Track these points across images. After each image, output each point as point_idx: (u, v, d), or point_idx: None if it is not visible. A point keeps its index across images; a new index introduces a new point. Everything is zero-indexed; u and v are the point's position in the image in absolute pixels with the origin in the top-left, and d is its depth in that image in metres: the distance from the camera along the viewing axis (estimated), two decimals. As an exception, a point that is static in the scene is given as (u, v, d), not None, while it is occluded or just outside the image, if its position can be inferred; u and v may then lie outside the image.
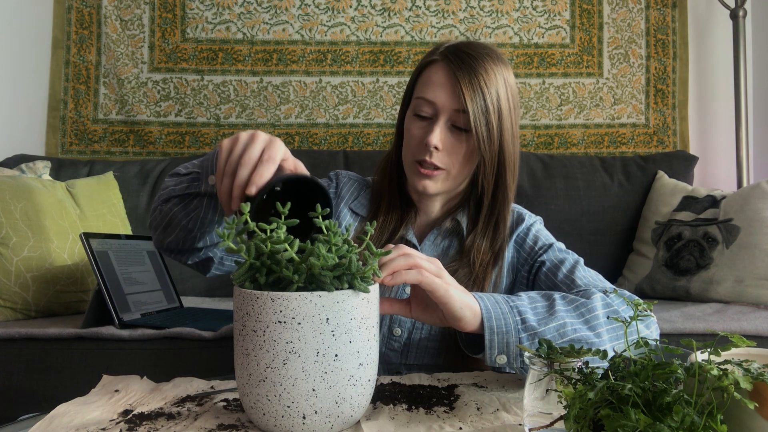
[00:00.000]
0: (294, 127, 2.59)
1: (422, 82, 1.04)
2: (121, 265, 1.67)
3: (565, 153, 2.61)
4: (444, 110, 1.01)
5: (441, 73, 1.01)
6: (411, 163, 1.05)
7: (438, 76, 1.01)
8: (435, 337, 1.04)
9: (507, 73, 1.04)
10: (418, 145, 1.03)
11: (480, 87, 0.99)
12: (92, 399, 0.77)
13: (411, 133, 1.04)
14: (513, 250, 1.11)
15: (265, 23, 2.61)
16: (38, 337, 1.50)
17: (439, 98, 1.00)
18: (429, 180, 1.03)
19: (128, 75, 2.56)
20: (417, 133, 1.03)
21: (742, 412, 0.51)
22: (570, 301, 0.86)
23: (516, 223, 1.13)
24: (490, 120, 1.00)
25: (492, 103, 1.00)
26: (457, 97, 0.99)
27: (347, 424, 0.67)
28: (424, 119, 1.03)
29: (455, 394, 0.79)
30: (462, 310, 0.79)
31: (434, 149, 1.00)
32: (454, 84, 0.99)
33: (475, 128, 0.98)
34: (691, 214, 2.08)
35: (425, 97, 1.02)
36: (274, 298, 0.63)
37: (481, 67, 1.00)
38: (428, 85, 1.02)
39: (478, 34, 2.63)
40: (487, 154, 1.01)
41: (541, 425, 0.63)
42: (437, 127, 1.00)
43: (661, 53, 2.67)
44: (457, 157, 1.02)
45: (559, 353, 0.64)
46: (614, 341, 0.84)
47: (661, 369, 0.53)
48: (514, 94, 1.04)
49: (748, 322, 1.61)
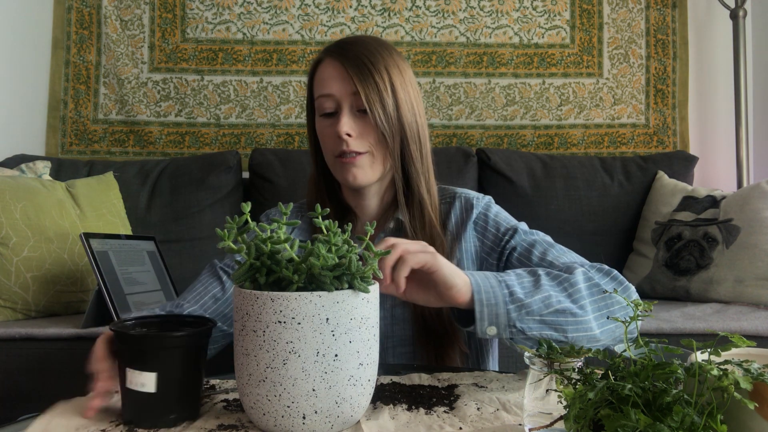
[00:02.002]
0: (294, 127, 2.59)
1: (316, 82, 1.07)
2: (121, 265, 1.67)
3: (565, 153, 2.61)
4: (343, 98, 1.03)
5: (330, 67, 1.05)
6: (333, 162, 1.07)
7: (328, 70, 1.05)
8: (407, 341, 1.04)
9: (389, 52, 1.07)
10: (333, 141, 1.05)
11: (366, 67, 1.03)
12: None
13: (324, 134, 1.07)
14: (474, 239, 1.10)
15: (265, 23, 2.61)
16: (38, 337, 1.50)
17: (335, 88, 1.04)
18: (354, 167, 1.04)
19: (128, 75, 2.56)
20: (328, 131, 1.05)
21: (742, 412, 0.51)
22: (554, 276, 0.90)
23: (466, 209, 1.12)
24: (383, 95, 1.02)
25: (381, 79, 1.03)
26: (350, 82, 1.03)
27: (347, 424, 0.67)
28: (330, 116, 1.05)
29: (455, 394, 0.79)
30: (453, 277, 0.82)
31: (347, 137, 1.02)
32: (343, 71, 1.03)
33: (369, 105, 1.02)
34: (691, 214, 2.08)
35: (323, 93, 1.05)
36: (273, 298, 0.63)
37: (364, 51, 1.05)
38: (321, 81, 1.06)
39: (477, 34, 2.63)
40: (386, 129, 1.03)
41: (541, 425, 0.63)
42: (343, 116, 1.03)
43: (661, 53, 2.67)
44: (371, 138, 1.04)
45: (559, 353, 0.64)
46: (596, 312, 0.88)
47: (661, 369, 0.53)
48: (403, 69, 1.07)
49: (748, 322, 1.61)
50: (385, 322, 1.05)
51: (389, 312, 1.05)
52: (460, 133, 2.61)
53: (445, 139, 2.61)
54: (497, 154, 2.35)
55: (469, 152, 2.35)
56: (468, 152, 2.35)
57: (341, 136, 1.02)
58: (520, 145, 2.62)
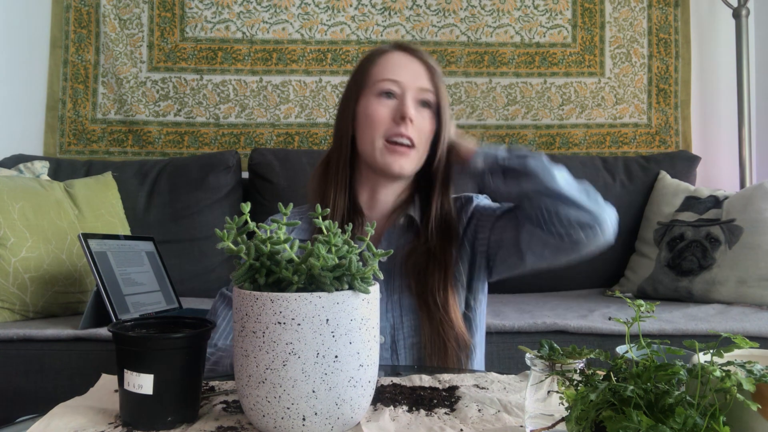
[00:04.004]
0: (294, 126, 2.59)
1: (381, 67, 1.08)
2: (119, 265, 1.66)
3: (567, 153, 2.61)
4: (409, 88, 1.06)
5: (402, 57, 1.09)
6: (380, 146, 1.05)
7: (398, 59, 1.08)
8: (417, 331, 1.05)
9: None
10: (389, 122, 1.05)
11: (435, 69, 1.09)
12: (91, 399, 0.77)
13: (378, 113, 1.05)
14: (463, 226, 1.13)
15: (265, 22, 2.60)
16: (36, 338, 1.50)
17: (405, 77, 1.06)
18: (404, 157, 1.05)
19: (127, 74, 2.55)
20: (385, 111, 1.05)
21: (745, 413, 0.50)
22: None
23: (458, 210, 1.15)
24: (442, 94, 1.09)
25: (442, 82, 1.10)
26: (422, 76, 1.06)
27: (347, 425, 0.66)
28: (390, 98, 1.06)
29: (456, 396, 0.78)
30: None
31: (409, 121, 1.04)
32: (416, 64, 1.07)
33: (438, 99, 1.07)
34: (693, 214, 2.08)
35: (390, 77, 1.06)
36: (273, 299, 0.62)
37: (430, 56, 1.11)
38: (389, 67, 1.07)
39: (479, 33, 2.63)
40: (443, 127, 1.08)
41: (543, 427, 0.62)
42: (408, 101, 1.05)
43: (663, 52, 2.67)
44: (424, 134, 1.07)
45: (560, 354, 0.63)
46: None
47: (664, 370, 0.52)
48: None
49: (750, 323, 1.61)
50: (395, 313, 1.05)
51: (397, 303, 1.06)
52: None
53: (445, 138, 2.61)
54: (498, 153, 2.35)
55: (469, 152, 2.35)
56: (469, 152, 2.35)
57: (405, 117, 1.03)
58: (521, 145, 2.61)
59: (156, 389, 0.67)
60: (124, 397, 0.69)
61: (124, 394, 0.69)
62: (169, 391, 0.68)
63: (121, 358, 0.69)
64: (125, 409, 0.70)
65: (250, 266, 0.66)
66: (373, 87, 1.06)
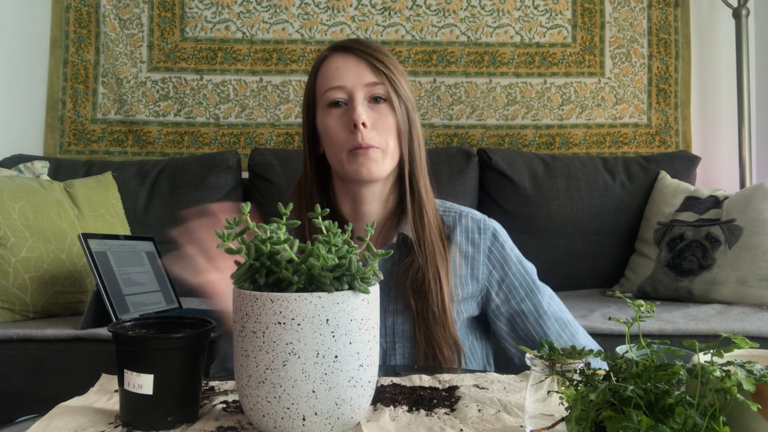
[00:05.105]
0: (294, 126, 2.59)
1: (322, 77, 1.04)
2: (119, 265, 1.66)
3: (567, 153, 2.61)
4: (356, 89, 1.01)
5: (340, 60, 1.03)
6: (343, 158, 1.02)
7: (338, 62, 1.03)
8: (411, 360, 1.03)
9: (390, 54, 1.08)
10: (344, 134, 1.01)
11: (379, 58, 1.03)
12: (91, 399, 0.77)
13: (332, 127, 1.02)
14: (487, 269, 1.08)
15: (265, 22, 2.60)
16: (36, 338, 1.50)
17: (347, 79, 1.01)
18: (369, 160, 1.00)
19: (127, 74, 2.55)
20: (338, 122, 1.02)
21: (745, 414, 0.50)
22: None
23: (472, 230, 1.09)
24: (400, 81, 1.03)
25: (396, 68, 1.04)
26: (364, 71, 1.01)
27: (347, 425, 0.66)
28: (339, 107, 1.02)
29: (456, 396, 0.78)
30: None
31: (362, 126, 0.99)
32: (356, 61, 1.02)
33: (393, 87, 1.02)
34: (693, 214, 2.07)
35: (333, 85, 1.02)
36: (273, 299, 0.62)
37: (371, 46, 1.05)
38: (330, 74, 1.03)
39: (478, 33, 2.63)
40: (404, 116, 1.03)
41: (543, 427, 0.62)
42: (357, 105, 1.00)
43: (663, 53, 2.67)
44: (385, 130, 1.02)
45: (560, 354, 0.63)
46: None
47: (664, 370, 0.52)
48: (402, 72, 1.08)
49: (750, 323, 1.61)
50: (387, 339, 1.04)
51: (391, 329, 1.04)
52: (461, 133, 2.61)
53: (445, 139, 2.61)
54: (498, 154, 2.35)
55: (470, 152, 2.35)
56: (469, 152, 2.35)
57: (357, 124, 0.98)
58: (521, 145, 2.61)
59: (156, 389, 0.67)
60: (124, 397, 0.69)
61: (124, 394, 0.69)
62: (169, 391, 0.68)
63: (121, 358, 0.69)
64: (125, 409, 0.70)
65: (250, 266, 0.66)
66: (321, 99, 1.04)
